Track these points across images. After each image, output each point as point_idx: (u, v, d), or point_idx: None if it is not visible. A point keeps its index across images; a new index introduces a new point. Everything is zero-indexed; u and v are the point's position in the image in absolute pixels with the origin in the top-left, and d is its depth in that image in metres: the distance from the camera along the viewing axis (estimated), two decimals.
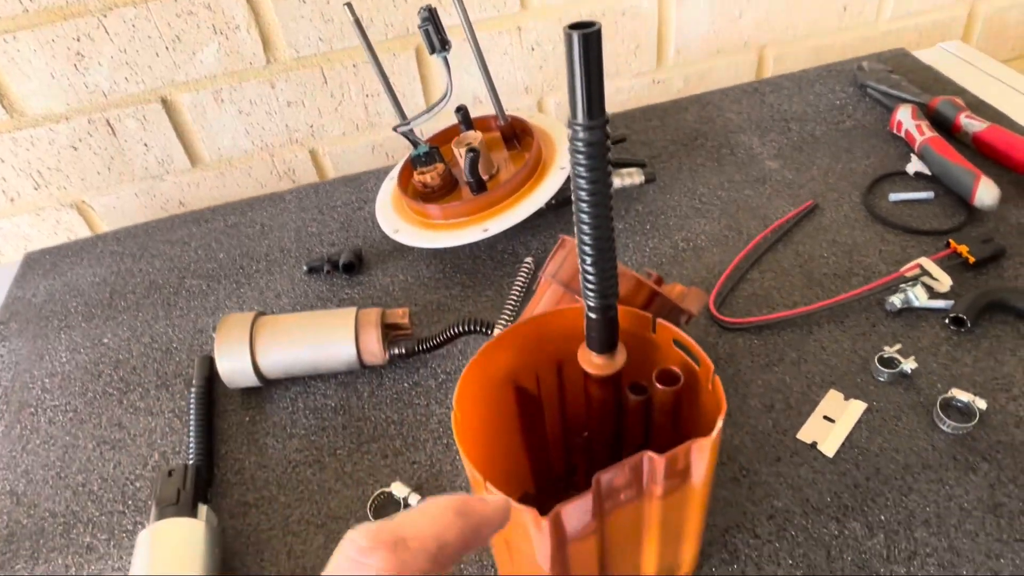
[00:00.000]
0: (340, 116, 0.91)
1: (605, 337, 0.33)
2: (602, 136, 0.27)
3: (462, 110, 0.69)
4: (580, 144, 0.27)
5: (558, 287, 0.50)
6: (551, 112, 0.97)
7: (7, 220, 0.89)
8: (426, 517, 0.22)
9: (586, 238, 0.29)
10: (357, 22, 0.62)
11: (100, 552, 0.50)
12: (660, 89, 0.99)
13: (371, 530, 0.22)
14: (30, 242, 0.91)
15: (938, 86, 0.79)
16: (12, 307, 0.73)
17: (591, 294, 0.31)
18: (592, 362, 0.36)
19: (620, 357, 0.34)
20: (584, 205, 0.28)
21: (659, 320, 0.37)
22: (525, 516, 0.28)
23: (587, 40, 0.27)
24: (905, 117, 0.70)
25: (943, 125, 0.71)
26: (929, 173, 0.67)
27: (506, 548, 0.34)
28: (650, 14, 0.92)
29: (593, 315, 0.32)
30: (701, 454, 0.31)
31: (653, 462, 0.31)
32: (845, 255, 0.61)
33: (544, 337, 0.39)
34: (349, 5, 0.61)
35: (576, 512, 0.30)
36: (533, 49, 0.92)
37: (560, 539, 0.31)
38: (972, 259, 0.57)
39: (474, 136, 0.68)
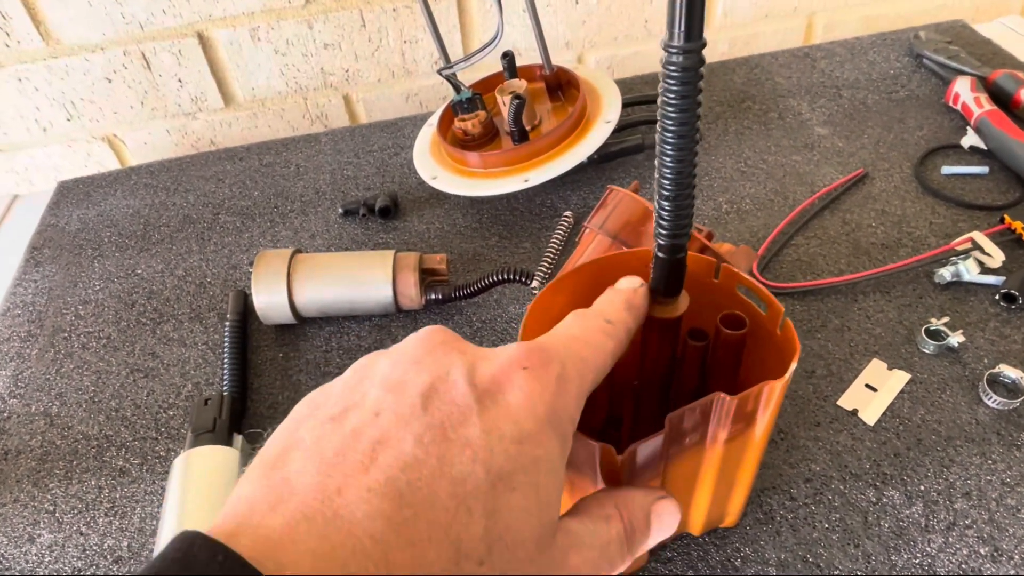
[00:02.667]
0: (376, 62, 0.89)
1: (672, 280, 0.32)
2: (698, 61, 0.25)
3: (508, 56, 0.67)
4: (673, 69, 0.25)
5: (604, 237, 0.49)
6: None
7: (40, 150, 0.89)
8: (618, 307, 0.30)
9: (667, 172, 0.28)
10: None
11: (133, 476, 0.50)
12: (704, 51, 0.97)
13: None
14: (60, 172, 0.91)
15: (997, 60, 0.76)
16: (45, 233, 0.73)
17: (664, 233, 0.30)
18: (655, 305, 0.35)
19: (683, 301, 0.33)
20: (669, 136, 0.27)
21: (724, 265, 0.36)
22: (597, 453, 0.28)
23: None
24: (963, 89, 0.68)
25: (1002, 99, 0.68)
26: (985, 148, 0.65)
27: (568, 491, 0.33)
28: None
29: (663, 255, 0.31)
30: (771, 397, 0.31)
31: (724, 403, 0.30)
32: (894, 226, 0.60)
33: (601, 282, 0.38)
34: None
35: (647, 453, 0.30)
36: (577, 2, 0.89)
37: (629, 481, 0.30)
38: None
39: (519, 84, 0.67)
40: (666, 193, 0.28)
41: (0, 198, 0.83)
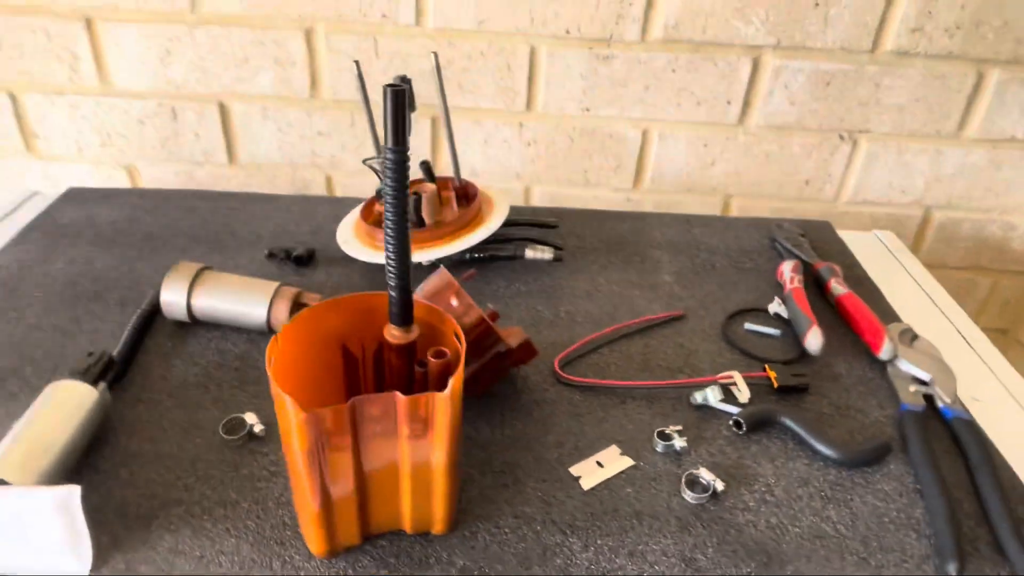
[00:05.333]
0: (357, 156, 1.08)
1: (401, 311, 0.46)
2: (402, 158, 0.41)
3: (425, 164, 0.84)
4: (389, 163, 0.41)
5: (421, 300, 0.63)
6: (536, 200, 1.13)
7: (73, 165, 1.09)
8: None
9: (390, 232, 0.42)
10: (360, 76, 0.79)
11: (20, 401, 0.63)
12: (632, 207, 1.13)
13: None
14: (81, 185, 1.10)
15: (839, 258, 0.91)
16: (38, 221, 0.90)
17: (392, 276, 0.44)
18: (392, 333, 0.48)
19: (413, 332, 0.47)
20: (390, 209, 0.42)
21: (445, 315, 0.49)
22: (288, 405, 0.41)
23: (396, 95, 0.41)
24: (787, 268, 0.82)
25: (820, 284, 0.82)
26: (785, 316, 0.78)
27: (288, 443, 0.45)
28: (634, 141, 1.07)
29: (394, 293, 0.45)
30: (440, 406, 0.43)
31: (398, 402, 0.43)
32: (683, 356, 0.72)
33: (371, 312, 0.52)
34: (357, 63, 0.79)
35: (328, 418, 0.42)
36: (530, 144, 1.08)
37: (316, 438, 0.42)
38: (776, 384, 0.67)
39: (429, 187, 0.84)
40: (390, 246, 0.43)
41: (23, 193, 1.02)
